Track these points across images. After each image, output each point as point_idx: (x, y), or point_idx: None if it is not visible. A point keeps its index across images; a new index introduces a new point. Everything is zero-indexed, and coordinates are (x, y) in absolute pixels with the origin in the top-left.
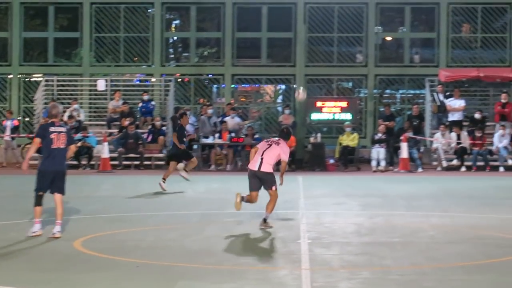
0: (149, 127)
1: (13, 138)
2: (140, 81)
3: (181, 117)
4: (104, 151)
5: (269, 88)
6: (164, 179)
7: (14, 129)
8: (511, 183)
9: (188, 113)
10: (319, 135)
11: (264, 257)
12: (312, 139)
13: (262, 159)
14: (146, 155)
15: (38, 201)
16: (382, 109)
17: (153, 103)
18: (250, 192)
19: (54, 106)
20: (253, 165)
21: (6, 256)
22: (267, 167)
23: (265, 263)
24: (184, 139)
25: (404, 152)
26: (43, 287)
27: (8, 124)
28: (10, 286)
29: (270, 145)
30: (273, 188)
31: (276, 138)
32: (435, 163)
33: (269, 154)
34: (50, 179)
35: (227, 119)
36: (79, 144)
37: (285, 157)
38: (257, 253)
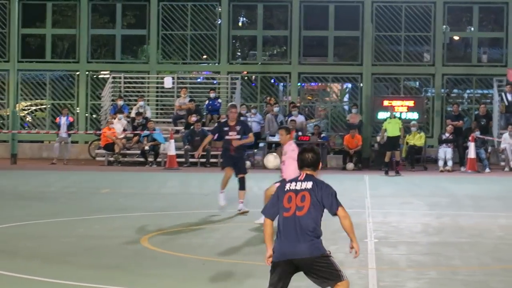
0: (216, 125)
1: (69, 135)
2: (206, 78)
3: None
4: (170, 148)
5: (335, 87)
6: None
7: (70, 126)
8: None
9: (253, 110)
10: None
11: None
12: (378, 138)
13: None
14: (212, 153)
15: None
16: (449, 109)
17: (219, 100)
18: None
19: None
20: None
21: (72, 253)
22: None
23: None
24: None
25: (471, 152)
26: (107, 283)
27: (63, 120)
28: (75, 282)
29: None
30: None
31: None
32: (502, 163)
33: None
34: None
35: (293, 117)
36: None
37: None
38: None
